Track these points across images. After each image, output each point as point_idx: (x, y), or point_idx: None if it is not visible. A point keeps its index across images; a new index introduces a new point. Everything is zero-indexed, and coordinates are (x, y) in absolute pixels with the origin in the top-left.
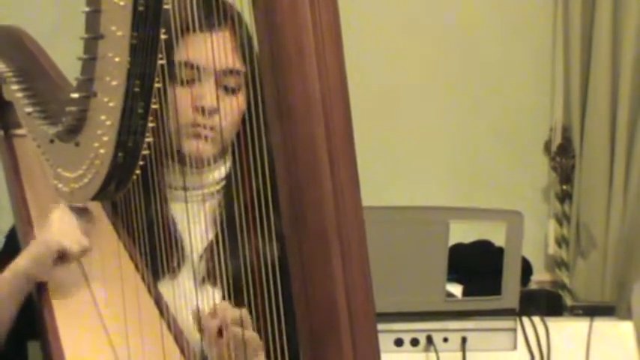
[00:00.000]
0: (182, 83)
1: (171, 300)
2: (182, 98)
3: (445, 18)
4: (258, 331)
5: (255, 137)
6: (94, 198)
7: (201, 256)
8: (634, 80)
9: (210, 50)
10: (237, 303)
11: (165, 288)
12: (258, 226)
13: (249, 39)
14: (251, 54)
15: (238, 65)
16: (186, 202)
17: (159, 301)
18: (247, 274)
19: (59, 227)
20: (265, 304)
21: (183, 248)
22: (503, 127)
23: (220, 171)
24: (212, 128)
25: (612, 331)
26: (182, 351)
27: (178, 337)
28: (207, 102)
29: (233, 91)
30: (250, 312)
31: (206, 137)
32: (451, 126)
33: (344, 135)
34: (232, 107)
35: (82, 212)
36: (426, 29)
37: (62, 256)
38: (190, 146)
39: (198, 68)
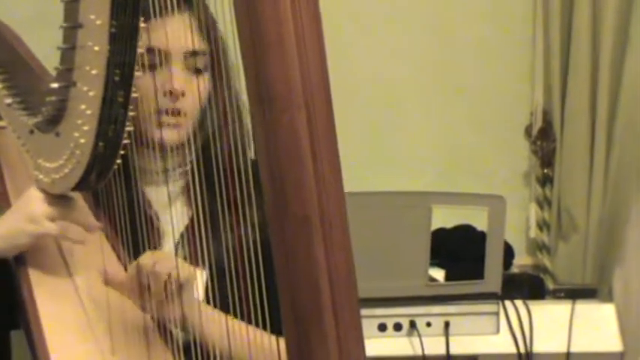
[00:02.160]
0: (147, 70)
1: None
2: (149, 85)
3: (426, 3)
4: (242, 314)
5: (223, 117)
6: (75, 188)
7: (181, 236)
8: (614, 63)
9: (172, 34)
10: (219, 284)
11: None
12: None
13: (211, 20)
14: (215, 34)
15: (202, 46)
16: (167, 183)
17: None
18: (228, 253)
19: (31, 206)
20: (248, 285)
21: (161, 231)
22: (484, 112)
23: (191, 151)
24: (180, 112)
25: (594, 313)
26: (165, 340)
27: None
28: (174, 85)
29: (198, 72)
30: (232, 293)
31: (176, 125)
32: (432, 111)
33: (325, 120)
34: (200, 88)
35: (61, 200)
36: (407, 15)
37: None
38: (160, 134)
39: (161, 53)
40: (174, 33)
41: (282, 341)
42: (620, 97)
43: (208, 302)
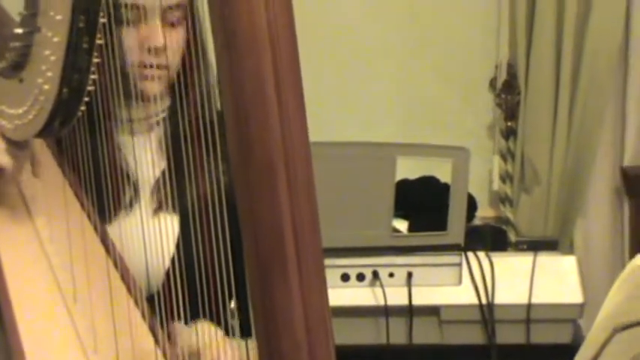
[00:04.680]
0: (128, 24)
1: (127, 233)
2: (130, 39)
3: None
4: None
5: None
6: (39, 135)
7: (152, 188)
8: (579, 17)
9: None
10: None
11: (120, 221)
12: (206, 152)
13: None
14: None
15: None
16: (132, 133)
17: (105, 239)
18: (199, 200)
19: None
20: (212, 231)
21: (134, 180)
22: (449, 64)
23: (164, 101)
24: (160, 66)
25: (555, 265)
26: (128, 289)
27: (125, 275)
28: (155, 41)
29: (175, 25)
30: (202, 239)
31: (157, 77)
32: (398, 63)
33: (290, 65)
34: (177, 41)
35: (22, 146)
36: None
37: None
38: (140, 86)
39: (142, 8)
40: None
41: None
42: (585, 50)
43: (179, 250)
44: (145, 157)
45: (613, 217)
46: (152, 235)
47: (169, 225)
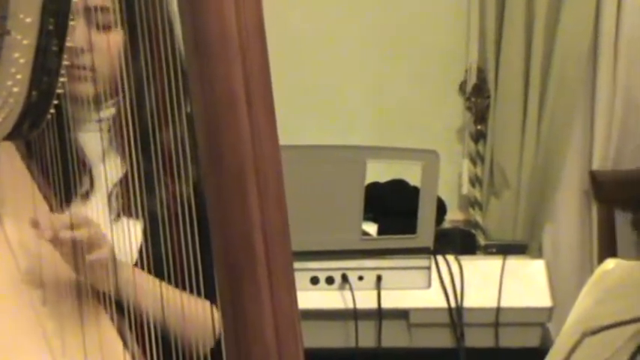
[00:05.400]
0: None
1: None
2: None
3: None
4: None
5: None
6: (8, 137)
7: (115, 185)
8: (548, 22)
9: None
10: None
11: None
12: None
13: None
14: None
15: (106, 2)
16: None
17: None
18: (162, 205)
19: None
20: (181, 236)
21: (92, 175)
22: (420, 68)
23: (108, 104)
24: (86, 67)
25: (524, 269)
26: (97, 292)
27: None
28: (75, 42)
29: (105, 28)
30: (167, 243)
31: (81, 78)
32: (369, 67)
33: (261, 73)
34: (107, 44)
35: None
36: None
37: None
38: (70, 86)
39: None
40: None
41: (215, 308)
42: (554, 55)
43: (142, 254)
44: (107, 158)
45: (581, 222)
46: (114, 241)
47: (132, 231)
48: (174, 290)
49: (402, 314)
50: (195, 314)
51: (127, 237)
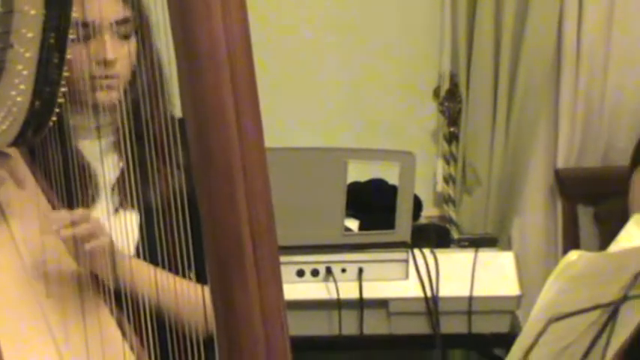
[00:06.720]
0: (79, 40)
1: None
2: (81, 54)
3: None
4: (170, 255)
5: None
6: (12, 144)
7: (113, 187)
8: (514, 32)
9: (102, 6)
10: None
11: None
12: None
13: None
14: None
15: (128, 13)
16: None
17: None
18: (157, 199)
19: None
20: (175, 229)
21: (96, 181)
22: (396, 74)
23: (122, 110)
24: (113, 77)
25: (495, 260)
26: (97, 285)
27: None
28: (107, 55)
29: (126, 38)
30: (162, 232)
31: (109, 87)
32: (348, 74)
33: (247, 79)
34: (128, 53)
35: None
36: None
37: None
38: (94, 96)
39: (92, 24)
40: (103, 6)
41: (206, 290)
42: (520, 62)
43: (139, 243)
44: (101, 161)
45: (547, 216)
46: (113, 233)
47: (129, 223)
48: (169, 275)
49: (382, 304)
50: (188, 297)
51: (124, 228)
